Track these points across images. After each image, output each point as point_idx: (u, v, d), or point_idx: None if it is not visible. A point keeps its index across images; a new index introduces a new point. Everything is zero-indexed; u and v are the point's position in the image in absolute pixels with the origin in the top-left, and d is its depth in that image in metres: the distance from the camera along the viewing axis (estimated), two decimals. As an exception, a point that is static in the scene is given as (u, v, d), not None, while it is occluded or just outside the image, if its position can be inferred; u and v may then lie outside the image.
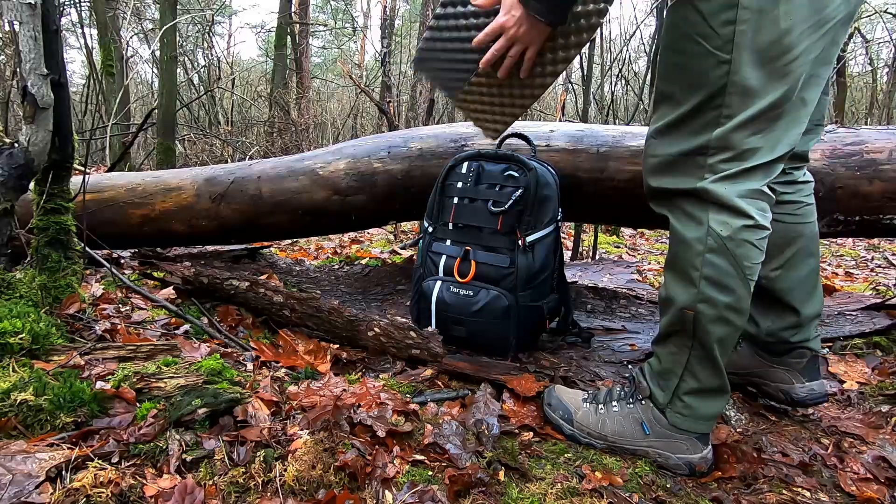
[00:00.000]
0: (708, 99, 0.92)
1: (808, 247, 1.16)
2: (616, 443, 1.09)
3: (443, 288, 1.51)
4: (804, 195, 1.17)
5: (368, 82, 10.80)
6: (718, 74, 0.90)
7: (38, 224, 1.32)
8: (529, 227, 1.45)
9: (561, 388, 1.21)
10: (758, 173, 0.94)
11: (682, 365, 1.01)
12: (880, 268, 3.49)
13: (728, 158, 0.93)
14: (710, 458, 1.05)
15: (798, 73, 0.89)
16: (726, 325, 0.97)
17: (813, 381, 1.19)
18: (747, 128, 0.91)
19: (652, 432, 1.06)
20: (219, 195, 2.00)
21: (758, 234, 0.95)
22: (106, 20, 6.35)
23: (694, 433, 1.03)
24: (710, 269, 0.95)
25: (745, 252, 0.94)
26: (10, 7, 1.14)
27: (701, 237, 0.95)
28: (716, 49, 0.89)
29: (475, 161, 1.54)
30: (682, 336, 1.00)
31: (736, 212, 0.93)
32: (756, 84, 0.89)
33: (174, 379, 1.04)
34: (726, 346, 0.99)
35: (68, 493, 0.78)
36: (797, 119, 0.94)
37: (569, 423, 1.13)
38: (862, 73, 9.90)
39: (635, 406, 1.09)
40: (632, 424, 1.08)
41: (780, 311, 1.19)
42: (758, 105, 0.90)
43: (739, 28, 0.87)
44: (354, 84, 6.50)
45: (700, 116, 0.94)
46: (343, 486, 0.89)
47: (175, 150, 5.79)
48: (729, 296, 0.95)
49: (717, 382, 1.01)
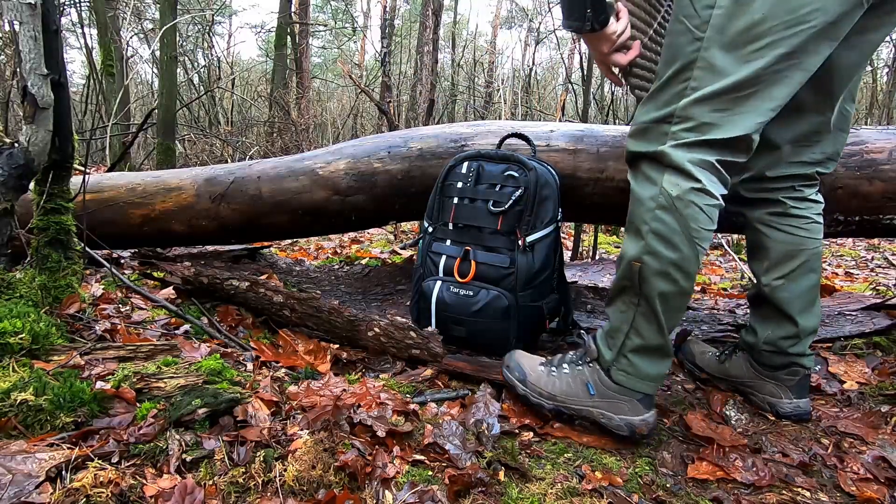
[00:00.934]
0: (679, 70, 1.01)
1: (810, 262, 1.19)
2: (564, 402, 1.15)
3: (443, 288, 1.51)
4: (813, 212, 1.21)
5: (368, 82, 10.80)
6: (691, 50, 0.99)
7: (38, 224, 1.32)
8: (529, 226, 1.45)
9: (521, 353, 1.27)
10: (713, 148, 1.01)
11: (629, 322, 1.07)
12: (880, 268, 3.49)
13: (688, 128, 1.01)
14: (652, 421, 1.10)
15: (763, 63, 0.95)
16: (669, 280, 1.03)
17: (800, 399, 1.23)
18: (708, 103, 0.99)
19: (597, 392, 1.12)
20: (219, 195, 2.00)
21: (705, 198, 1.01)
22: (106, 20, 6.35)
23: (636, 392, 1.09)
24: (658, 223, 1.02)
25: (692, 213, 1.00)
26: (10, 7, 1.14)
27: (654, 195, 1.03)
28: (694, 27, 0.99)
29: (475, 161, 1.54)
30: (630, 293, 1.07)
31: (687, 175, 1.01)
32: (721, 64, 0.97)
33: (174, 379, 1.04)
34: (670, 305, 1.04)
35: (68, 493, 0.78)
36: (758, 109, 0.99)
37: (522, 384, 1.19)
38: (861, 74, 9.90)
39: (583, 368, 1.15)
40: (579, 385, 1.14)
41: (779, 321, 1.22)
42: (720, 83, 0.97)
43: (716, 12, 0.96)
44: (354, 84, 6.50)
45: (671, 87, 1.03)
46: (343, 486, 0.89)
47: (175, 150, 5.79)
48: (673, 252, 1.01)
49: (659, 341, 1.06)
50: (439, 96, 10.33)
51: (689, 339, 1.50)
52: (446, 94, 11.32)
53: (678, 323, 1.10)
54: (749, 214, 1.25)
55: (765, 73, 0.96)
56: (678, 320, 1.09)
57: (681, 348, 1.50)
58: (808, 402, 1.24)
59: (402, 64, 11.94)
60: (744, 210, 1.26)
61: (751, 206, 1.24)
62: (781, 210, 1.20)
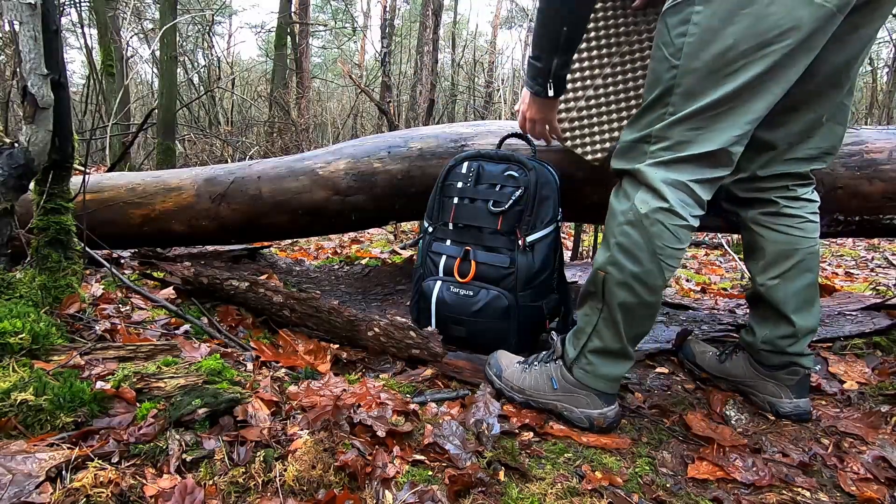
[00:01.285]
0: (659, 96, 1.06)
1: (806, 262, 1.20)
2: (532, 396, 1.22)
3: (443, 288, 1.51)
4: (807, 211, 1.22)
5: (368, 82, 10.80)
6: (669, 77, 1.04)
7: (38, 224, 1.32)
8: (529, 226, 1.45)
9: (502, 352, 1.35)
10: (689, 164, 1.05)
11: (592, 325, 1.14)
12: (880, 268, 3.49)
13: (664, 147, 1.06)
14: (612, 415, 1.16)
15: (737, 84, 0.99)
16: (630, 292, 1.08)
17: (800, 399, 1.23)
18: (684, 123, 1.03)
19: (559, 387, 1.19)
20: (219, 195, 2.00)
21: (672, 218, 1.05)
22: (106, 20, 6.36)
23: (594, 390, 1.15)
24: (623, 238, 1.08)
25: (657, 231, 1.05)
26: (10, 7, 1.14)
27: (625, 210, 1.09)
28: (670, 55, 1.03)
29: (475, 161, 1.54)
30: (595, 298, 1.13)
31: (657, 194, 1.05)
32: (697, 88, 1.01)
33: (174, 379, 1.04)
34: (631, 315, 1.10)
35: (68, 493, 0.78)
36: (735, 123, 1.02)
37: (498, 379, 1.28)
38: (862, 73, 9.90)
39: (550, 365, 1.23)
40: (545, 380, 1.21)
41: (776, 321, 1.22)
42: (695, 105, 1.02)
43: (688, 40, 1.01)
44: (354, 84, 6.50)
45: (652, 111, 1.08)
46: (343, 486, 0.89)
47: (175, 150, 5.79)
48: (636, 265, 1.06)
49: (617, 346, 1.12)
50: (439, 96, 10.33)
51: (689, 338, 1.50)
52: (446, 94, 11.32)
53: (645, 330, 1.14)
54: (743, 214, 1.26)
55: (740, 92, 1.00)
56: (644, 329, 1.13)
57: (681, 348, 1.51)
58: (809, 402, 1.24)
59: (402, 64, 11.94)
60: (738, 210, 1.27)
61: (745, 205, 1.25)
62: (774, 210, 1.21)
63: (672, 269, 1.07)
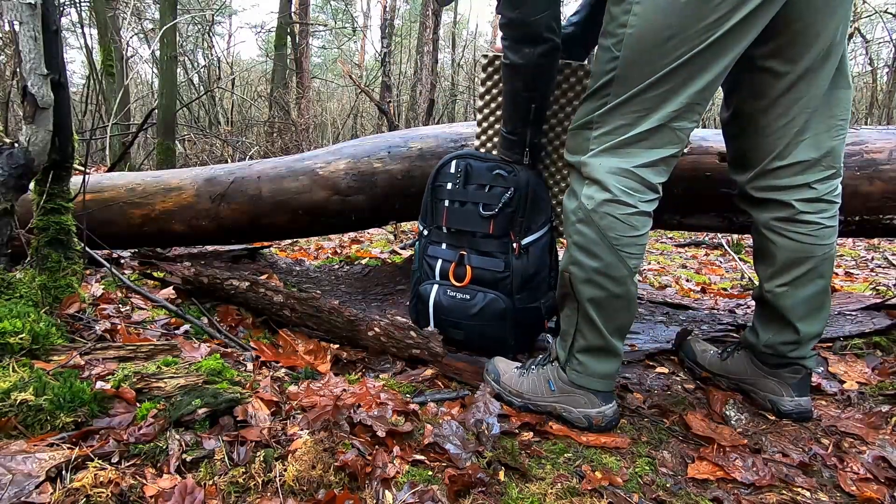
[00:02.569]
0: (601, 86, 1.07)
1: (818, 268, 1.15)
2: (530, 400, 1.22)
3: (440, 291, 1.51)
4: (825, 216, 1.14)
5: (368, 82, 10.80)
6: (610, 67, 1.05)
7: (38, 224, 1.32)
8: (523, 229, 1.44)
9: (499, 358, 1.35)
10: (631, 149, 1.06)
11: (574, 325, 1.15)
12: (880, 268, 3.49)
13: (606, 132, 1.08)
14: (610, 414, 1.16)
15: (673, 68, 0.99)
16: (597, 287, 1.09)
17: (801, 397, 1.22)
18: (624, 107, 1.05)
19: (556, 389, 1.19)
20: (219, 195, 2.00)
21: (619, 208, 1.06)
22: (106, 20, 6.36)
23: (589, 389, 1.16)
24: (578, 236, 1.10)
25: (608, 223, 1.06)
26: (10, 7, 1.14)
27: (574, 209, 1.11)
28: (612, 46, 1.05)
29: (463, 160, 1.50)
30: (570, 299, 1.15)
31: (600, 186, 1.07)
32: (636, 76, 1.02)
33: (174, 379, 1.04)
34: (604, 309, 1.10)
35: (68, 493, 0.78)
36: (675, 100, 1.03)
37: (497, 383, 1.28)
38: (862, 73, 9.89)
39: (546, 368, 1.23)
40: (542, 383, 1.22)
41: (780, 327, 1.21)
42: (634, 89, 1.03)
43: (628, 31, 1.02)
44: (354, 84, 6.50)
45: (594, 99, 1.10)
46: (343, 486, 0.89)
47: (175, 150, 5.79)
48: (595, 261, 1.08)
49: (601, 342, 1.13)
50: (439, 96, 10.33)
51: (689, 338, 1.50)
52: (446, 94, 11.32)
53: (626, 322, 1.14)
54: (756, 217, 1.21)
55: (677, 75, 1.01)
56: (623, 320, 1.13)
57: (681, 347, 1.51)
58: (810, 401, 1.23)
59: (402, 64, 11.94)
60: (751, 211, 1.22)
61: (759, 207, 1.19)
62: (788, 215, 1.14)
63: (634, 256, 1.08)
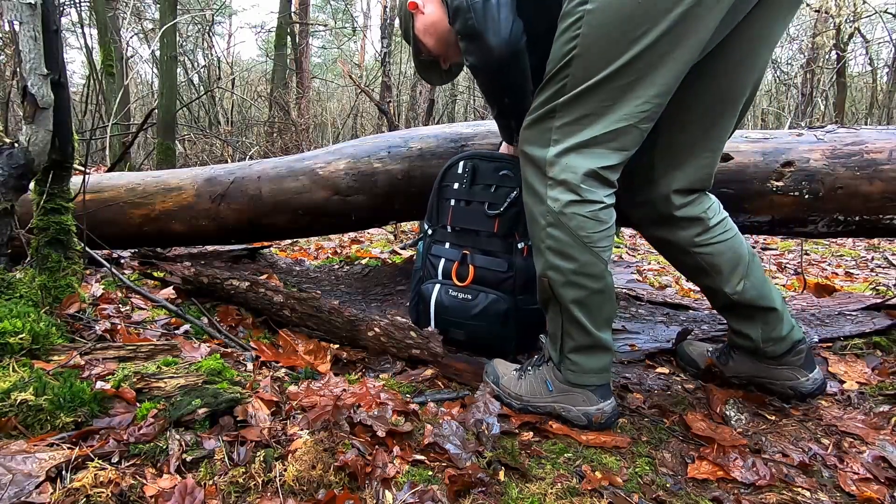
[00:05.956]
0: (560, 69, 1.04)
1: (748, 252, 1.21)
2: (529, 402, 1.21)
3: (441, 291, 1.51)
4: (719, 214, 1.21)
5: (368, 82, 10.80)
6: (569, 48, 1.02)
7: (38, 224, 1.32)
8: (527, 229, 1.44)
9: (498, 360, 1.34)
10: (595, 150, 1.04)
11: (560, 327, 1.14)
12: (880, 268, 3.49)
13: (568, 123, 1.05)
14: (609, 410, 1.16)
15: (638, 50, 0.97)
16: (577, 288, 1.08)
17: (813, 372, 1.24)
18: (588, 97, 1.02)
19: (554, 389, 1.19)
20: (219, 195, 2.00)
21: (587, 207, 1.05)
22: (106, 20, 6.36)
23: (587, 386, 1.15)
24: (550, 240, 1.08)
25: (578, 223, 1.05)
26: (10, 7, 1.14)
27: (543, 212, 1.09)
28: (570, 25, 1.02)
29: (470, 161, 1.52)
30: (553, 303, 1.14)
31: (565, 187, 1.05)
32: (597, 59, 1.00)
33: (174, 379, 1.04)
34: (589, 307, 1.10)
35: (68, 493, 0.78)
36: (640, 96, 1.01)
37: (496, 385, 1.27)
38: (862, 73, 9.90)
39: (542, 368, 1.22)
40: (539, 384, 1.21)
41: (763, 316, 1.22)
42: (598, 76, 1.00)
43: (589, 8, 0.99)
44: (354, 84, 6.50)
45: (552, 84, 1.06)
46: (343, 486, 0.89)
47: (175, 150, 5.79)
48: (571, 263, 1.07)
49: (588, 340, 1.12)
50: (439, 96, 10.33)
51: (690, 344, 1.49)
52: (446, 94, 11.31)
53: (611, 313, 1.14)
54: (678, 239, 1.21)
55: (643, 60, 0.98)
56: (608, 312, 1.13)
57: (681, 356, 1.50)
58: (821, 371, 1.25)
59: (402, 64, 11.92)
60: (670, 236, 1.22)
61: (678, 227, 1.21)
62: (704, 227, 1.19)
63: (607, 249, 1.08)
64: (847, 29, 7.86)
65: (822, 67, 8.50)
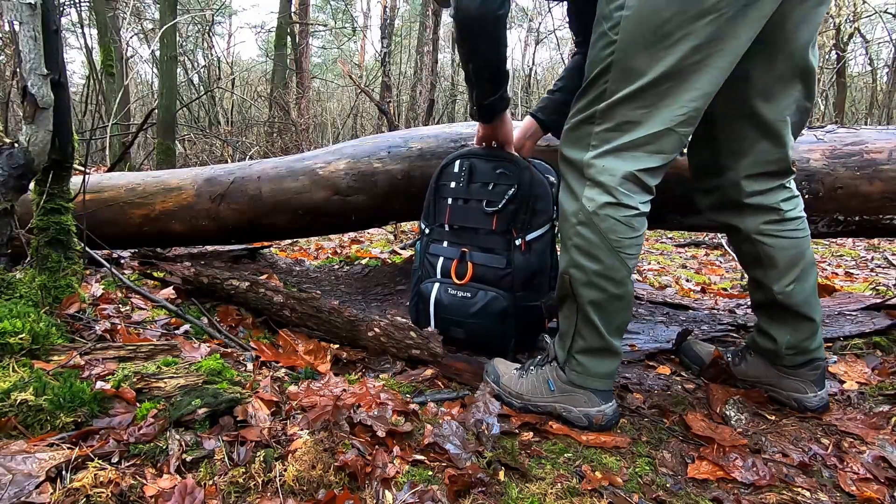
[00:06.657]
0: (599, 74, 1.04)
1: (811, 258, 1.20)
2: (530, 401, 1.21)
3: (441, 290, 1.51)
4: (797, 211, 1.20)
5: (368, 82, 10.80)
6: (607, 53, 1.02)
7: (38, 224, 1.32)
8: (525, 226, 1.45)
9: (499, 360, 1.35)
10: (634, 153, 1.03)
11: (573, 326, 1.14)
12: (880, 268, 3.49)
13: (609, 128, 1.04)
14: (610, 412, 1.16)
15: (676, 58, 0.97)
16: (597, 289, 1.08)
17: (822, 390, 1.24)
18: (627, 103, 1.02)
19: (556, 388, 1.18)
20: (219, 195, 2.00)
21: (621, 211, 1.04)
22: (106, 20, 6.36)
23: (589, 389, 1.15)
24: (579, 239, 1.08)
25: (609, 226, 1.05)
26: (10, 7, 1.14)
27: (575, 211, 1.09)
28: (608, 30, 1.01)
29: (466, 159, 1.52)
30: (569, 301, 1.14)
31: (602, 188, 1.05)
32: (635, 64, 0.99)
33: (174, 379, 1.04)
34: (605, 311, 1.10)
35: (68, 493, 0.78)
36: (679, 101, 1.00)
37: (496, 384, 1.27)
38: (862, 73, 9.90)
39: (545, 368, 1.22)
40: (541, 383, 1.21)
41: (798, 323, 1.21)
42: (637, 83, 1.00)
43: (626, 13, 0.98)
44: (354, 84, 6.51)
45: (592, 90, 1.06)
46: (343, 486, 0.89)
47: (175, 150, 5.79)
48: (596, 264, 1.07)
49: (601, 343, 1.12)
50: (439, 96, 10.33)
51: (695, 344, 1.49)
52: (446, 94, 11.31)
53: (625, 320, 1.14)
54: (744, 226, 1.21)
55: (680, 67, 0.97)
56: (623, 319, 1.13)
57: (686, 353, 1.50)
58: (827, 391, 1.24)
59: (402, 64, 11.94)
60: (737, 222, 1.22)
61: (747, 214, 1.20)
62: (779, 217, 1.18)
63: (633, 257, 1.07)
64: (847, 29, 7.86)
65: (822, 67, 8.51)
